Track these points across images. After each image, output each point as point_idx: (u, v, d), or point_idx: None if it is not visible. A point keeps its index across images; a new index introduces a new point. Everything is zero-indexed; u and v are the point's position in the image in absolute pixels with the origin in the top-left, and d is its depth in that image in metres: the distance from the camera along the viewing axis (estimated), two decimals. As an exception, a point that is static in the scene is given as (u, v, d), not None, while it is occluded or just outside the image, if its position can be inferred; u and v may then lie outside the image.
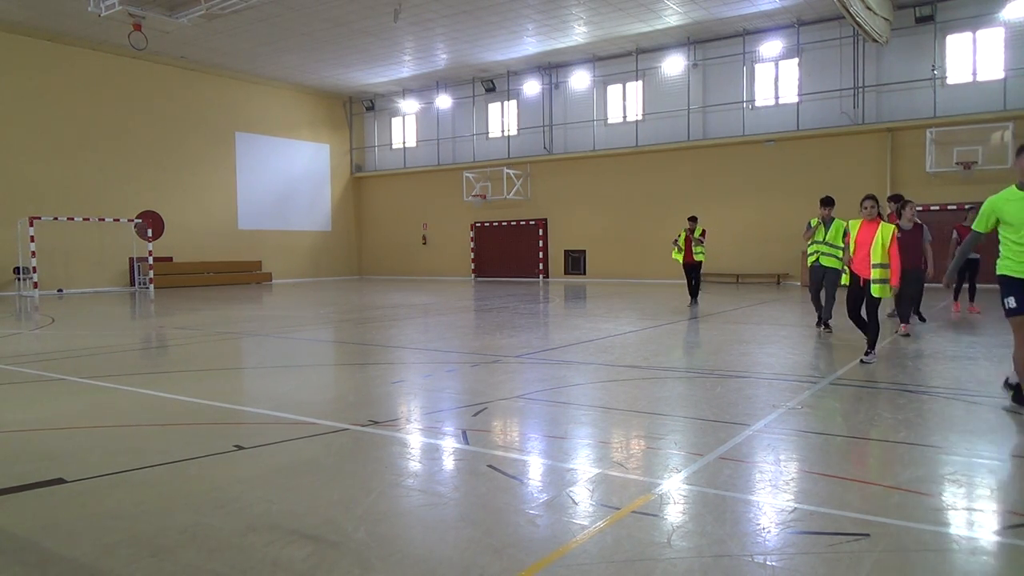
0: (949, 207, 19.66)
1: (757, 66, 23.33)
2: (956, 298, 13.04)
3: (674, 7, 20.85)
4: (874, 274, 7.49)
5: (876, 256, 7.47)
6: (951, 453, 4.51)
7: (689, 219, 15.53)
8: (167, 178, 25.80)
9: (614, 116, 26.24)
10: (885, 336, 10.02)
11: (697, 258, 15.21)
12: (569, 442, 4.91)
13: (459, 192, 29.03)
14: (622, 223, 25.83)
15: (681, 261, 15.37)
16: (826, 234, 10.54)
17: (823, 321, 10.54)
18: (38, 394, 6.81)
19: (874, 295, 7.56)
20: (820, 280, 10.66)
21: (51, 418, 5.76)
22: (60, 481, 4.11)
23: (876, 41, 19.35)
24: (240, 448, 4.77)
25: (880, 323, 8.08)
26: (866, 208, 7.60)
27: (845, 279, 8.11)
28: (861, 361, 7.76)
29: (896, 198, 10.88)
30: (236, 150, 28.12)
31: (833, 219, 10.46)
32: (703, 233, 15.35)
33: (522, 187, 27.99)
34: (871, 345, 7.80)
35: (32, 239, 21.01)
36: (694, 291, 15.37)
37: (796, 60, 22.48)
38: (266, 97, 29.06)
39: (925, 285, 11.06)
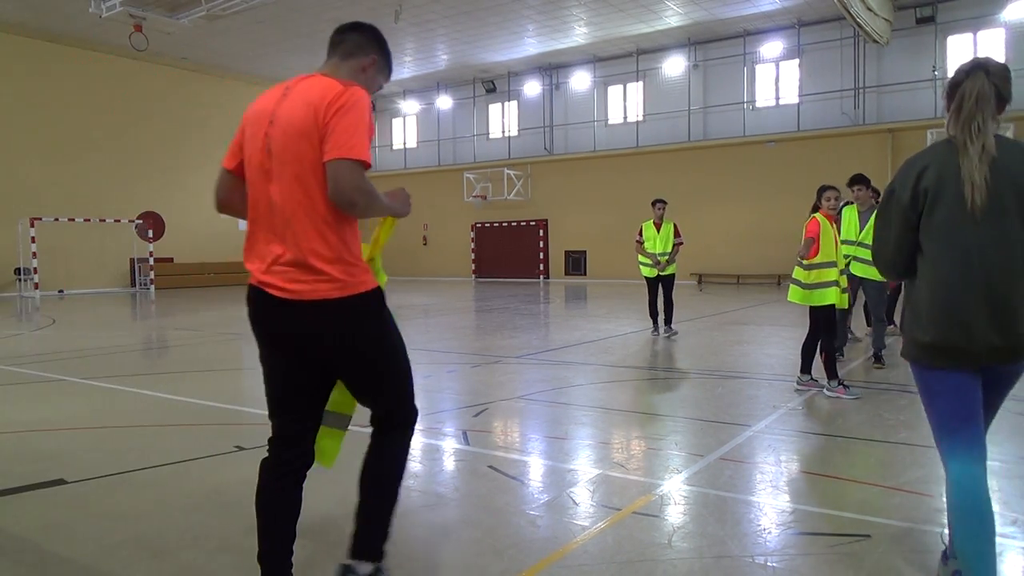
0: (950, 208, 19.65)
1: (758, 67, 23.32)
2: None
3: (675, 8, 20.85)
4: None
5: None
6: (952, 454, 4.50)
7: (656, 203, 10.38)
8: (168, 179, 25.79)
9: (615, 117, 26.24)
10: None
11: (669, 270, 10.33)
12: (570, 443, 4.91)
13: (460, 193, 29.02)
14: (623, 224, 25.75)
15: (653, 275, 10.37)
16: (861, 229, 7.74)
17: (874, 353, 7.63)
18: (39, 394, 6.81)
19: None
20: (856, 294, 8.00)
21: (52, 418, 5.76)
22: (61, 482, 4.11)
23: (877, 42, 19.34)
24: (241, 449, 4.77)
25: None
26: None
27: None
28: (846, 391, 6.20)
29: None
30: (237, 151, 28.08)
31: (874, 206, 7.48)
32: (676, 232, 10.30)
33: (522, 188, 27.99)
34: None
35: (33, 240, 21.01)
36: (668, 312, 10.35)
37: (797, 61, 22.46)
38: (267, 98, 29.02)
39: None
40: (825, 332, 6.29)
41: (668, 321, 10.30)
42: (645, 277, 10.54)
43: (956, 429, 2.46)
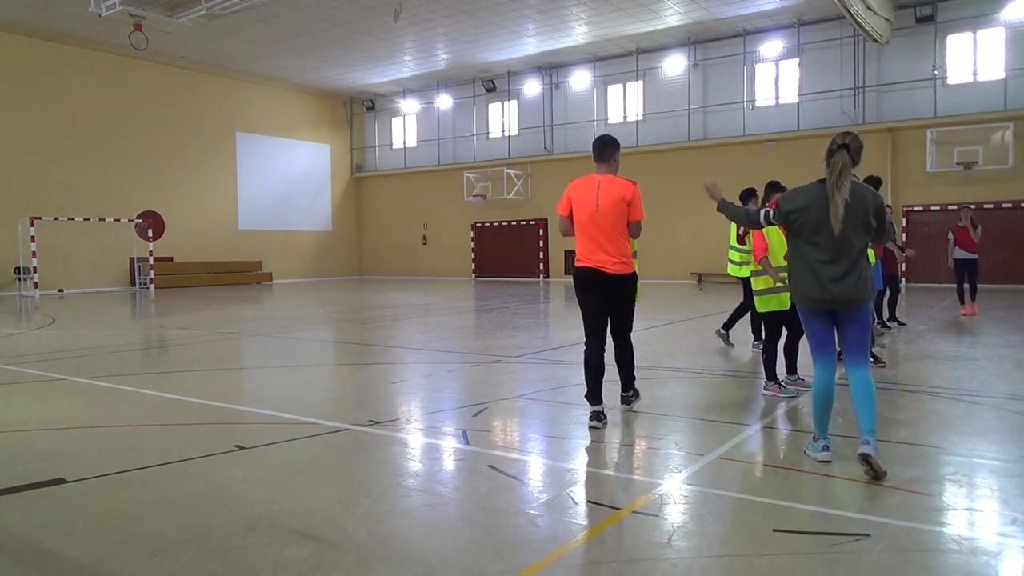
0: (950, 207, 19.64)
1: (758, 66, 23.32)
2: (962, 300, 12.95)
3: (674, 7, 20.84)
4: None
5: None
6: (951, 453, 4.51)
7: (759, 191, 8.85)
8: (167, 178, 25.80)
9: (614, 116, 26.23)
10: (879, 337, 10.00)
11: (745, 271, 8.53)
12: (569, 442, 4.91)
13: (459, 192, 29.02)
14: (622, 223, 25.79)
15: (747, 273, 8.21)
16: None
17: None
18: (38, 394, 6.81)
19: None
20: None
21: (51, 418, 5.76)
22: (60, 481, 4.11)
23: (876, 41, 19.34)
24: (241, 448, 4.77)
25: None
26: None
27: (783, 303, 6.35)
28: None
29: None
30: (237, 150, 28.11)
31: None
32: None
33: (522, 187, 27.98)
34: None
35: (33, 239, 21.02)
36: (755, 325, 8.85)
37: (796, 60, 22.46)
38: (266, 97, 29.05)
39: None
40: (791, 334, 6.39)
41: (758, 334, 8.82)
42: (739, 279, 8.87)
43: (817, 348, 4.31)
